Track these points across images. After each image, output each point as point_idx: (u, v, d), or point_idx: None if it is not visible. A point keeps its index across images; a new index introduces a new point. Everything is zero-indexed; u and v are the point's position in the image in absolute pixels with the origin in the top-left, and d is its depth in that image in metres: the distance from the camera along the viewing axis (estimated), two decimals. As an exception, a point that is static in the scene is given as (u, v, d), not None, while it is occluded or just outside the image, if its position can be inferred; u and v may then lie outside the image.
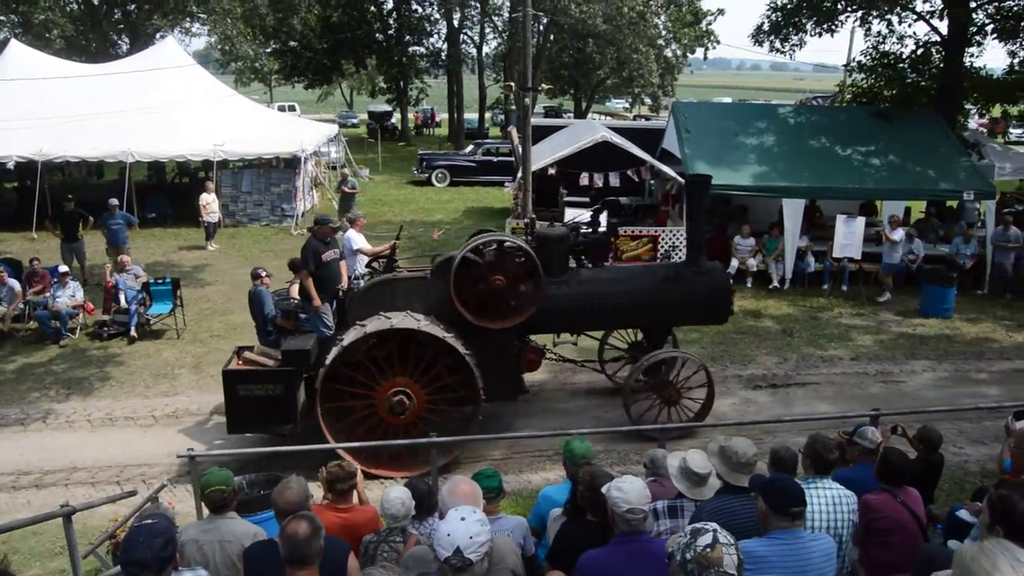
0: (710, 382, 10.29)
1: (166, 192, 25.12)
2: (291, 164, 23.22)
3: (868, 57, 23.68)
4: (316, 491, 5.42)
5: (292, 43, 45.29)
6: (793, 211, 16.68)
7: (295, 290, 10.66)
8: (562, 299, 9.72)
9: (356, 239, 12.39)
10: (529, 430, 10.22)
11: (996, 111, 25.23)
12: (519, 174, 18.48)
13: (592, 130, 19.24)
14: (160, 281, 14.34)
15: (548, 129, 23.96)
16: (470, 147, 34.23)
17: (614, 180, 18.23)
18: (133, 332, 13.65)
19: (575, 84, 45.29)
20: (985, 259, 17.15)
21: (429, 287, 9.47)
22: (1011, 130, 35.36)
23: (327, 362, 8.92)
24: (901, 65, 22.77)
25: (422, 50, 48.90)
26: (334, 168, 28.58)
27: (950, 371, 12.90)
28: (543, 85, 22.10)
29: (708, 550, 3.06)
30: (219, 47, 40.20)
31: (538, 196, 19.75)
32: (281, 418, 9.29)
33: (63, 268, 14.37)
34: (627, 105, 57.18)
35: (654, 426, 9.19)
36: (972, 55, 22.39)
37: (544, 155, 18.87)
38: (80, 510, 6.40)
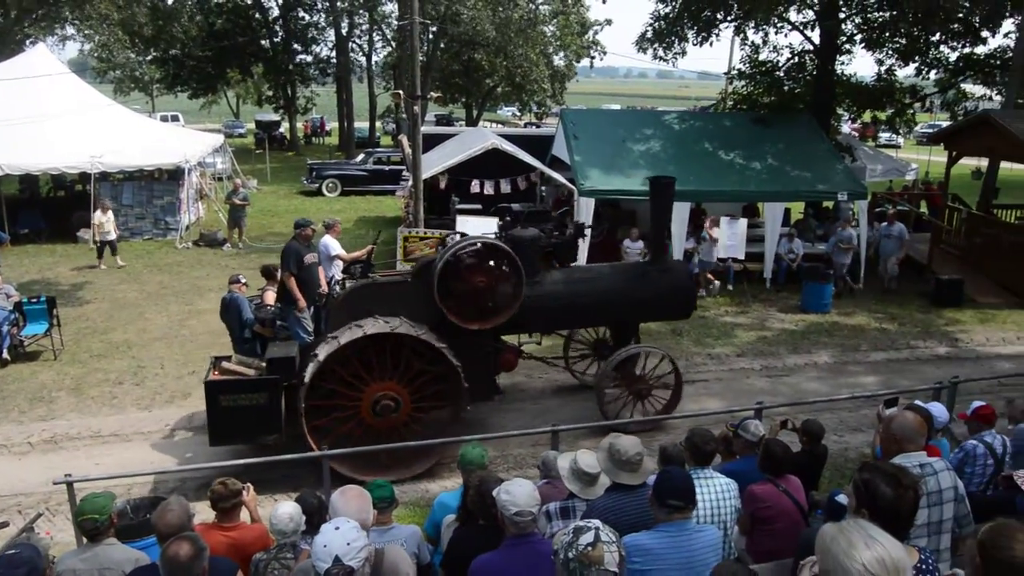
0: (677, 373, 10.64)
1: (40, 207, 23.89)
2: (174, 176, 22.47)
3: (747, 65, 24.59)
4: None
5: (173, 51, 43.90)
6: (679, 214, 17.11)
7: (270, 296, 10.53)
8: (536, 299, 9.86)
9: (333, 244, 12.27)
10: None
11: (866, 116, 26.53)
12: (409, 182, 18.39)
13: (482, 138, 19.33)
14: (34, 300, 13.63)
15: (439, 137, 23.94)
16: (361, 156, 33.86)
17: (505, 187, 18.37)
18: (5, 355, 12.92)
19: (466, 92, 45.43)
20: (859, 256, 18.02)
21: (410, 291, 9.50)
22: (880, 134, 37.28)
23: (306, 379, 8.82)
24: (778, 73, 23.73)
25: (310, 58, 48.22)
26: (220, 179, 27.82)
27: (829, 363, 13.48)
28: (432, 93, 22.12)
29: (589, 548, 3.11)
30: (95, 55, 38.58)
31: (430, 204, 19.70)
32: (266, 428, 9.12)
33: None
34: (517, 113, 57.68)
35: (625, 420, 9.88)
36: (843, 63, 23.54)
37: (435, 163, 18.84)
38: (-55, 545, 6.01)
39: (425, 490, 9.13)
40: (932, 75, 25.00)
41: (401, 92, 19.07)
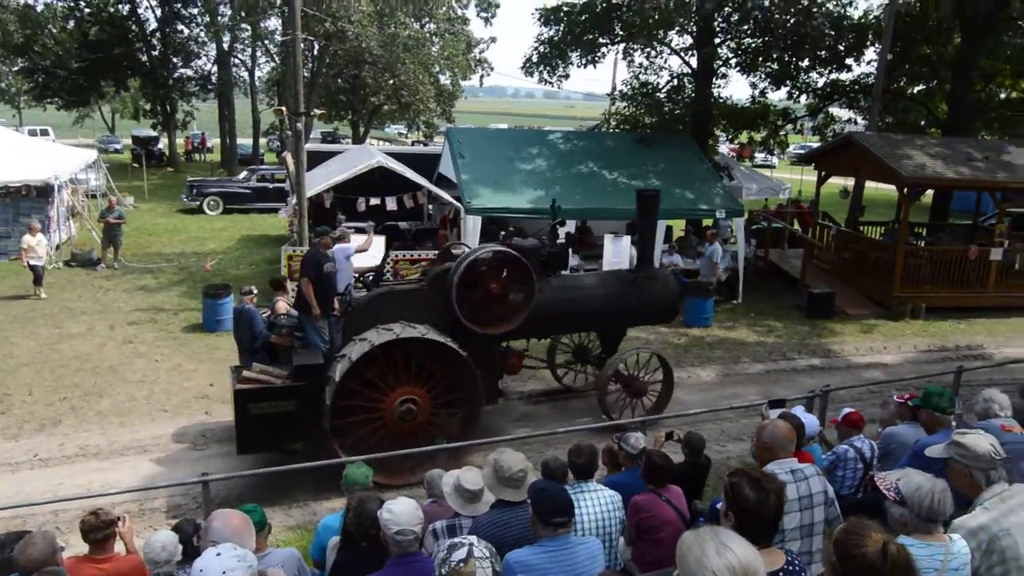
0: (668, 370, 11.44)
1: None
2: (44, 193, 21.35)
3: (629, 87, 25.28)
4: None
5: (44, 61, 41.81)
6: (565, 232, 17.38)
7: (281, 306, 10.68)
8: (537, 306, 10.22)
9: (347, 247, 12.34)
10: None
11: (743, 137, 27.67)
12: (293, 200, 18.06)
13: (368, 155, 19.18)
14: None
15: (324, 155, 23.63)
16: (244, 173, 33.08)
17: (390, 204, 18.25)
18: None
19: (352, 109, 44.94)
20: (738, 272, 18.70)
21: (426, 298, 9.82)
22: (756, 154, 38.88)
23: (336, 377, 8.92)
24: (659, 95, 24.50)
25: (190, 72, 46.74)
26: (94, 196, 26.63)
27: (712, 375, 13.90)
28: (316, 110, 21.80)
29: (462, 565, 3.11)
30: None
31: (315, 222, 19.36)
32: (293, 435, 9.27)
33: None
34: (404, 131, 57.50)
35: (632, 419, 10.50)
36: (719, 86, 24.61)
37: (320, 181, 18.58)
38: None
39: (312, 512, 8.93)
40: (803, 99, 26.35)
41: (284, 108, 18.72)
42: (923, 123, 28.13)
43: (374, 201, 18.35)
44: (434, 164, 21.64)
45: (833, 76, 25.77)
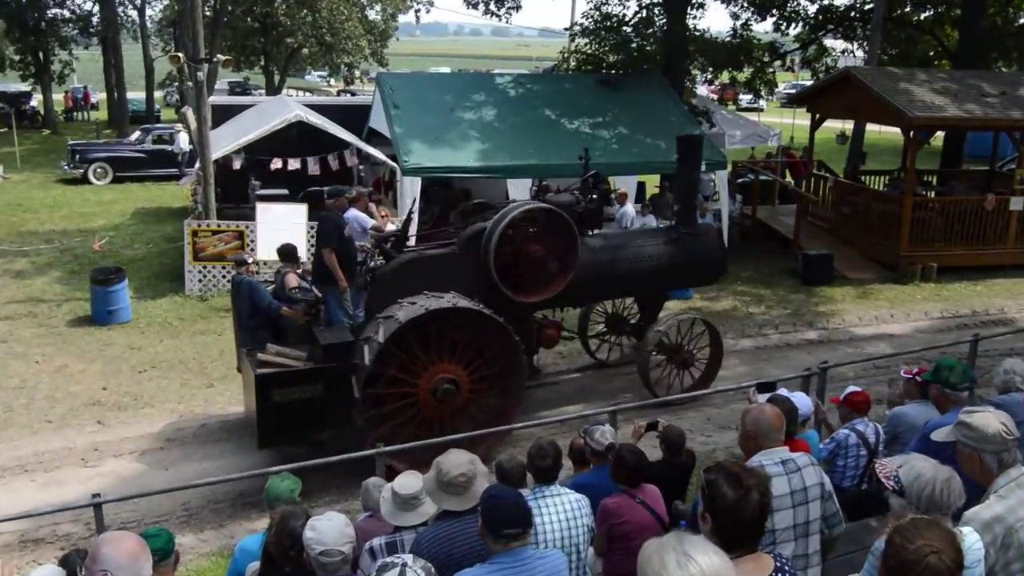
0: (716, 338, 11.97)
1: None
2: None
3: (591, 20, 25.19)
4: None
5: None
6: (520, 192, 17.34)
7: (293, 279, 10.84)
8: (578, 269, 10.60)
9: (364, 217, 12.68)
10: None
11: (724, 76, 27.80)
12: (196, 165, 17.80)
13: (285, 108, 18.97)
14: None
15: (233, 109, 23.28)
16: (137, 133, 32.54)
17: (314, 167, 18.06)
18: None
19: (264, 54, 44.34)
20: (721, 233, 18.84)
21: (458, 263, 10.17)
22: (740, 96, 39.19)
23: (367, 363, 9.11)
24: (625, 29, 24.44)
25: (66, 13, 45.59)
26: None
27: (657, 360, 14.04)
28: (221, 56, 21.43)
29: (393, 586, 3.11)
30: None
31: (224, 191, 19.19)
32: (321, 423, 9.48)
33: None
34: (328, 78, 56.93)
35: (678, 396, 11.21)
36: (696, 17, 24.55)
37: (228, 140, 18.32)
38: None
39: (230, 535, 8.89)
40: (792, 30, 26.50)
41: (182, 55, 18.39)
42: (931, 55, 28.50)
43: (293, 163, 18.14)
44: (364, 117, 21.43)
45: (826, 1, 26.00)
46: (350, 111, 22.95)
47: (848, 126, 27.72)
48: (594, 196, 11.36)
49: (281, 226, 15.65)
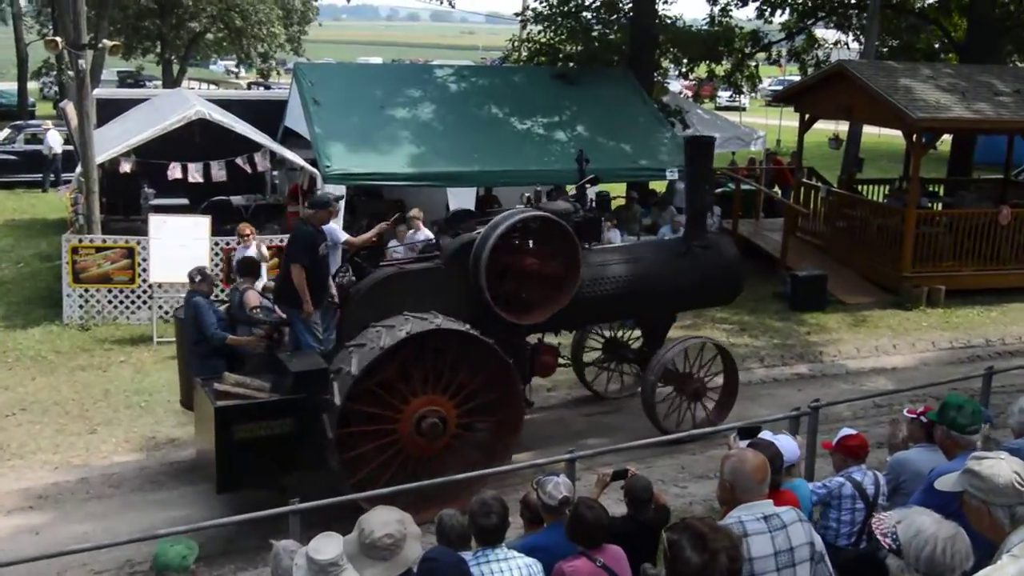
0: (731, 364, 12.31)
1: None
2: None
3: (545, 5, 25.33)
4: None
5: None
6: (462, 203, 17.33)
7: (253, 297, 10.91)
8: (578, 287, 10.85)
9: (337, 230, 12.92)
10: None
11: (701, 70, 28.05)
12: (78, 169, 17.58)
13: (184, 104, 18.82)
14: None
15: (122, 103, 23.10)
16: (6, 132, 32.11)
17: (219, 172, 17.91)
18: None
19: (160, 39, 44.04)
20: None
21: (444, 280, 10.34)
22: (719, 93, 39.49)
23: (337, 400, 9.22)
24: (586, 15, 24.60)
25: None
26: None
27: (665, 391, 14.09)
28: (108, 41, 21.23)
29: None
30: None
31: (111, 200, 18.97)
32: (288, 463, 9.51)
33: None
34: (237, 69, 56.68)
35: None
36: (667, 2, 24.75)
37: (116, 141, 18.16)
38: None
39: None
40: (777, 17, 26.85)
41: (60, 39, 18.16)
42: (936, 47, 29.01)
43: (194, 168, 17.98)
44: (279, 114, 21.36)
45: (817, -15, 26.43)
46: (263, 107, 22.90)
47: (842, 128, 28.10)
48: (593, 205, 11.86)
49: (180, 242, 15.50)
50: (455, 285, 10.30)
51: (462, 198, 17.49)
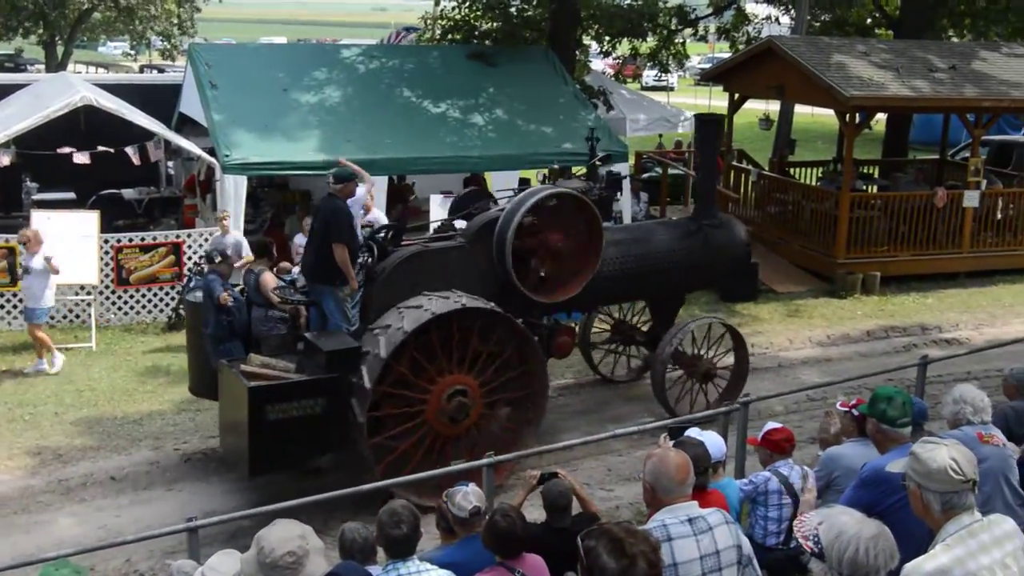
0: (741, 344, 12.90)
1: None
2: None
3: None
4: None
5: None
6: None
7: (270, 279, 11.14)
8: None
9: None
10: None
11: (624, 48, 28.17)
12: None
13: (69, 89, 18.49)
14: None
15: (0, 90, 22.68)
16: None
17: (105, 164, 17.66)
18: None
19: (43, 18, 43.24)
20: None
21: (467, 258, 10.85)
22: (645, 73, 39.67)
23: (366, 383, 9.63)
24: (503, -12, 24.61)
25: None
26: None
27: (586, 392, 14.22)
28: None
29: None
30: None
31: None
32: (320, 444, 10.01)
33: None
34: (129, 50, 55.84)
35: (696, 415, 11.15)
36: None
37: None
38: None
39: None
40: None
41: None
42: (869, 22, 29.41)
43: (81, 158, 17.69)
44: (174, 100, 21.09)
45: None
46: (155, 92, 22.64)
47: (773, 108, 28.42)
48: (605, 183, 12.24)
49: (65, 239, 15.19)
50: (477, 264, 10.88)
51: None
